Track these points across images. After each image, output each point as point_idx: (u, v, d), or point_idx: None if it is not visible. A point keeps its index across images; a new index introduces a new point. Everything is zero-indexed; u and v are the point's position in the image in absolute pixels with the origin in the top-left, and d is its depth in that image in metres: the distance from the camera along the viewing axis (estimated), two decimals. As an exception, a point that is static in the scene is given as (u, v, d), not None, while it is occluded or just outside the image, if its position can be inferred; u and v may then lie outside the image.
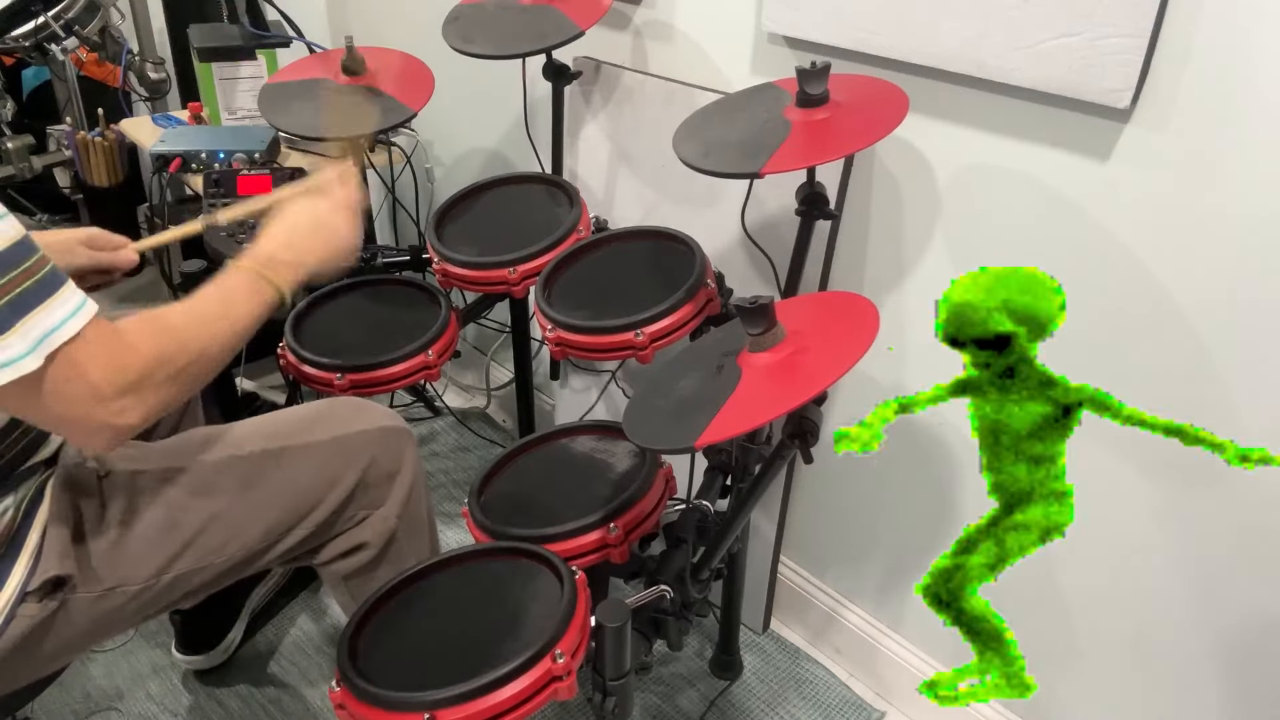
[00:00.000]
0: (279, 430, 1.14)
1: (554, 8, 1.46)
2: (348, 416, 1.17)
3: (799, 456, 1.03)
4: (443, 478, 2.03)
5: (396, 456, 1.18)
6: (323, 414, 1.18)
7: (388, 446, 1.17)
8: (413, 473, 1.20)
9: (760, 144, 1.09)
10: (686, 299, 1.22)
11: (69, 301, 0.82)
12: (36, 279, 0.80)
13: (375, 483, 1.16)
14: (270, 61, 1.88)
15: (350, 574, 1.19)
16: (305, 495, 1.12)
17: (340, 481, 1.13)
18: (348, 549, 1.17)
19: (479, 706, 0.86)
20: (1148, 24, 0.97)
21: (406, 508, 1.19)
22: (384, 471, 1.17)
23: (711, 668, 1.60)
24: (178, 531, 1.05)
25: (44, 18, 1.94)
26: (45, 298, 0.80)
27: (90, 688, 1.55)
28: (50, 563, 0.96)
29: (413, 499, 1.20)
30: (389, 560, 1.19)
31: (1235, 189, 0.99)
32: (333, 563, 1.18)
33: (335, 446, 1.14)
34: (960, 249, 1.25)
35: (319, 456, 1.13)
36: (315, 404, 1.21)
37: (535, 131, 1.69)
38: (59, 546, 0.97)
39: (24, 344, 0.78)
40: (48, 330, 0.80)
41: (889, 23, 1.18)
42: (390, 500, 1.18)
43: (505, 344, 2.11)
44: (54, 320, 0.80)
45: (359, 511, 1.16)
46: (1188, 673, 1.18)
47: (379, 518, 1.17)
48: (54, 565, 0.96)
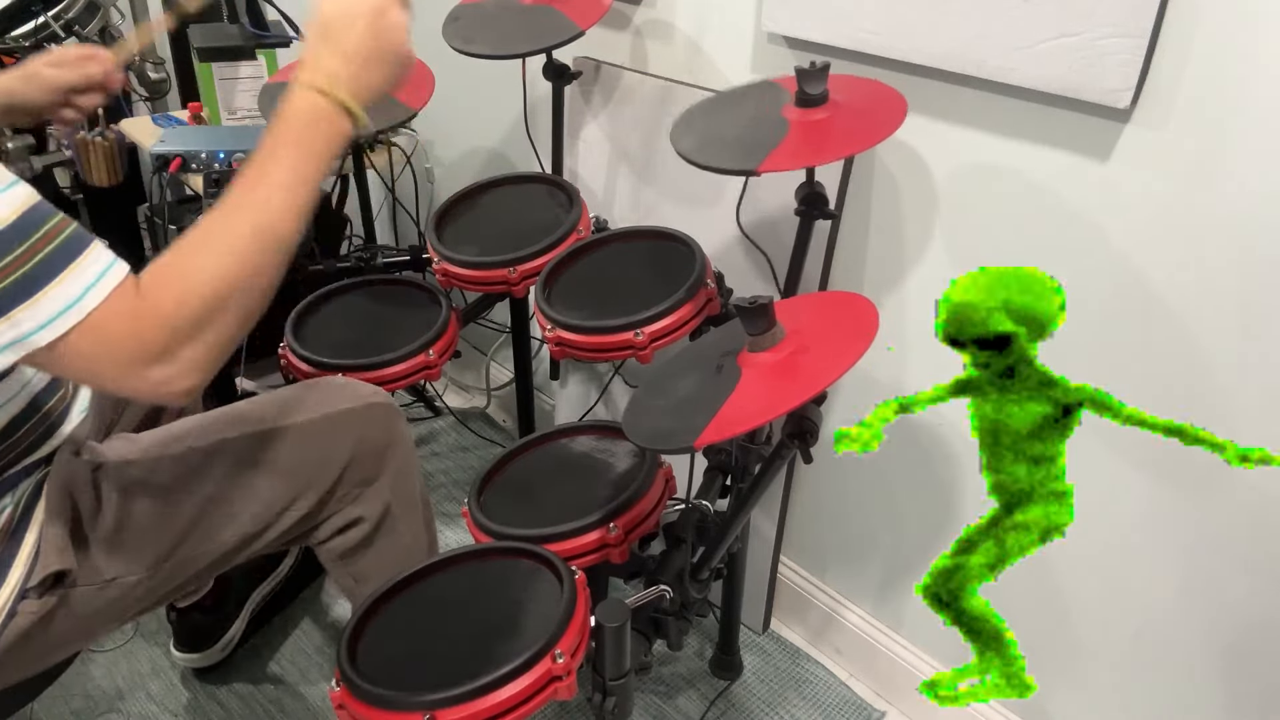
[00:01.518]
0: (267, 412, 1.13)
1: (554, 8, 1.46)
2: (334, 394, 1.17)
3: (799, 456, 1.03)
4: (443, 478, 2.03)
5: (386, 431, 1.18)
6: (310, 393, 1.17)
7: (376, 421, 1.17)
8: (403, 446, 1.20)
9: (758, 142, 1.09)
10: (686, 299, 1.22)
11: (91, 268, 0.76)
12: (57, 244, 0.75)
13: (366, 458, 1.16)
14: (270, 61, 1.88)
15: (348, 551, 1.19)
16: (298, 474, 1.12)
17: (332, 459, 1.13)
18: (343, 525, 1.17)
19: (479, 706, 0.86)
20: (1148, 24, 0.97)
21: (400, 480, 1.19)
22: (374, 446, 1.16)
23: (711, 668, 1.60)
24: (174, 519, 1.05)
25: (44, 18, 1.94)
26: (67, 264, 0.75)
27: (90, 688, 1.55)
28: (49, 558, 0.96)
29: (405, 472, 1.20)
30: (385, 534, 1.19)
31: (1235, 189, 0.99)
32: (330, 540, 1.18)
33: (324, 424, 1.14)
34: (960, 249, 1.25)
35: (309, 435, 1.13)
36: (301, 384, 1.20)
37: (535, 131, 1.69)
38: (57, 542, 0.97)
39: (38, 318, 0.74)
40: (69, 302, 0.75)
41: (889, 23, 1.18)
42: (383, 475, 1.17)
43: (505, 344, 2.11)
44: (75, 291, 0.75)
45: (352, 488, 1.16)
46: (1187, 673, 1.18)
47: (373, 492, 1.17)
48: (53, 561, 0.96)
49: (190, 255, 0.81)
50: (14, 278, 0.73)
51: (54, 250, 0.75)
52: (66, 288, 0.75)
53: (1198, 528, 1.12)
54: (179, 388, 0.79)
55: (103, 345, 0.77)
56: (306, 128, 0.85)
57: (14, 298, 0.73)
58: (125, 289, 0.77)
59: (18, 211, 0.74)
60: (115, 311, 0.76)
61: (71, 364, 0.77)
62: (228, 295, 0.80)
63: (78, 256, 0.76)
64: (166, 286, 0.79)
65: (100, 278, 0.76)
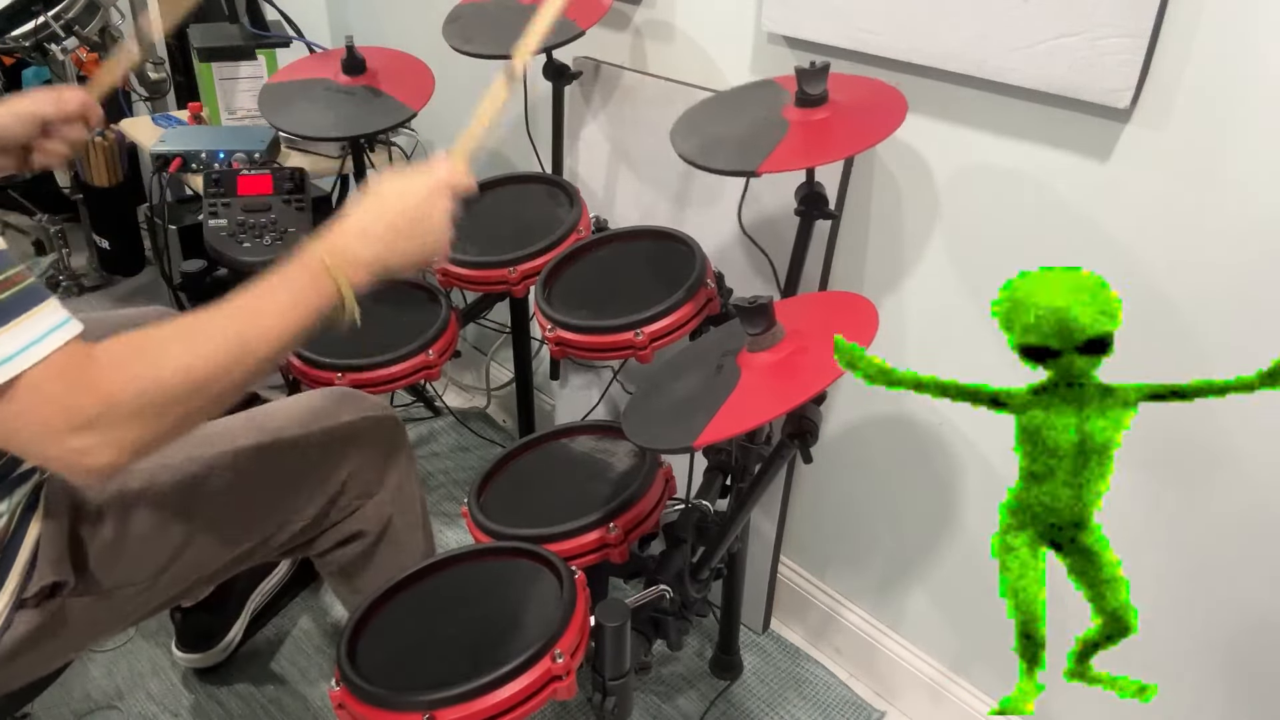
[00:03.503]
0: (268, 424, 1.13)
1: (554, 8, 1.46)
2: (337, 406, 1.17)
3: (799, 456, 1.03)
4: (443, 478, 2.03)
5: (388, 444, 1.18)
6: (312, 404, 1.17)
7: (378, 435, 1.17)
8: (405, 460, 1.20)
9: (758, 142, 1.09)
10: (686, 299, 1.22)
11: (41, 322, 0.73)
12: (13, 292, 0.73)
13: (368, 471, 1.16)
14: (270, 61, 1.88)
15: (348, 563, 1.19)
16: (298, 487, 1.12)
17: (333, 472, 1.13)
18: (344, 538, 1.17)
19: (478, 706, 0.86)
20: (1148, 24, 0.97)
21: (400, 494, 1.19)
22: (376, 460, 1.16)
23: (711, 668, 1.60)
24: (172, 531, 1.04)
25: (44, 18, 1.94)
26: (15, 316, 0.73)
27: (90, 688, 1.55)
28: (46, 569, 0.95)
29: (406, 486, 1.20)
30: (385, 548, 1.19)
31: (1235, 189, 0.99)
32: (330, 553, 1.18)
33: (325, 437, 1.14)
34: (960, 249, 1.25)
35: (311, 448, 1.13)
36: (304, 395, 1.20)
37: (535, 131, 1.69)
38: (54, 553, 0.96)
39: None
40: (8, 354, 0.72)
41: (889, 23, 1.18)
42: (384, 488, 1.17)
43: (505, 344, 2.11)
44: (17, 344, 0.72)
45: (353, 501, 1.16)
46: (1187, 673, 1.18)
47: (373, 506, 1.17)
48: (49, 572, 0.95)
49: (160, 340, 0.80)
50: None
51: (10, 297, 0.73)
52: (12, 339, 0.72)
53: (1197, 528, 1.12)
54: (96, 461, 0.76)
55: (32, 402, 0.73)
56: (308, 285, 0.86)
57: None
58: (73, 349, 0.75)
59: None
60: (57, 369, 0.74)
61: (3, 420, 0.74)
62: (183, 389, 0.78)
63: (30, 308, 0.74)
64: (124, 362, 0.77)
65: (50, 332, 0.74)
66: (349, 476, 1.14)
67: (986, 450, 1.31)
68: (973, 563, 1.37)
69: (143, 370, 0.77)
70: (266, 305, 0.84)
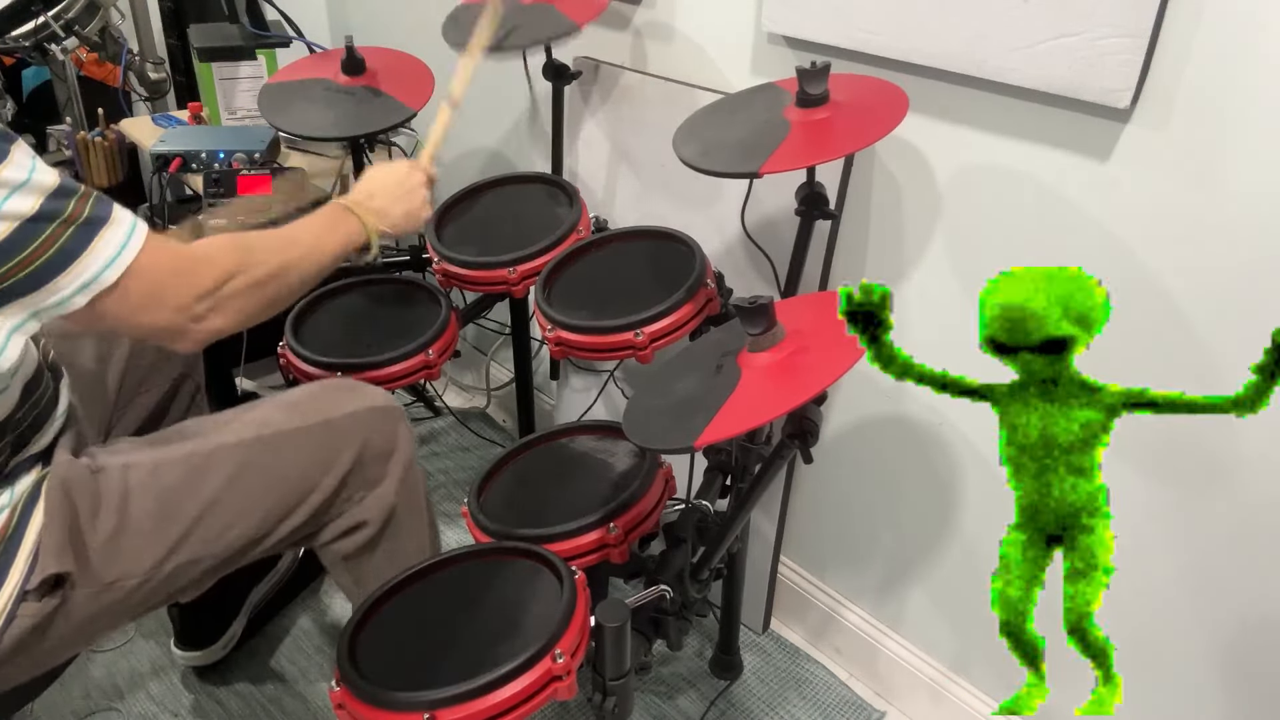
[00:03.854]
0: (270, 416, 1.13)
1: (553, 6, 1.46)
2: (338, 398, 1.17)
3: (799, 456, 1.03)
4: (443, 478, 2.03)
5: (390, 435, 1.18)
6: (314, 396, 1.17)
7: (380, 425, 1.17)
8: (407, 450, 1.19)
9: (759, 144, 1.09)
10: (686, 299, 1.22)
11: (123, 220, 0.90)
12: (91, 205, 0.89)
13: (370, 462, 1.16)
14: (270, 61, 1.88)
15: (351, 554, 1.18)
16: (301, 479, 1.12)
17: (335, 463, 1.13)
18: (347, 528, 1.17)
19: (479, 706, 0.87)
20: (1148, 24, 0.97)
21: (404, 485, 1.19)
22: (378, 450, 1.16)
23: (711, 668, 1.60)
24: (174, 523, 1.04)
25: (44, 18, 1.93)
26: (104, 222, 0.89)
27: (90, 687, 1.55)
28: (48, 561, 0.96)
29: (409, 476, 1.20)
30: (389, 538, 1.19)
31: (1235, 189, 0.99)
32: (333, 543, 1.18)
33: (327, 429, 1.14)
34: (960, 249, 1.25)
35: (312, 439, 1.13)
36: (305, 387, 1.20)
37: (535, 131, 1.69)
38: (56, 545, 0.97)
39: (99, 262, 0.88)
40: (117, 249, 0.89)
41: (889, 23, 1.18)
42: (387, 479, 1.17)
43: (505, 344, 2.11)
44: (118, 241, 0.89)
45: (356, 492, 1.16)
46: (1186, 673, 1.18)
47: (376, 496, 1.17)
48: (52, 564, 0.96)
49: (248, 236, 1.04)
50: (77, 224, 0.87)
51: (92, 208, 0.89)
52: (113, 237, 0.89)
53: (1197, 528, 1.12)
54: (212, 325, 0.97)
55: (153, 280, 0.92)
56: (340, 220, 1.16)
57: (79, 244, 0.87)
58: (153, 235, 0.93)
59: (59, 177, 0.88)
60: (153, 253, 0.91)
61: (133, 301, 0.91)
62: (269, 271, 1.02)
63: (110, 212, 0.90)
64: (219, 244, 0.99)
65: (134, 226, 0.91)
66: (351, 467, 1.14)
67: (986, 450, 1.31)
68: (973, 563, 1.38)
69: (243, 256, 1.00)
70: (314, 225, 1.13)
